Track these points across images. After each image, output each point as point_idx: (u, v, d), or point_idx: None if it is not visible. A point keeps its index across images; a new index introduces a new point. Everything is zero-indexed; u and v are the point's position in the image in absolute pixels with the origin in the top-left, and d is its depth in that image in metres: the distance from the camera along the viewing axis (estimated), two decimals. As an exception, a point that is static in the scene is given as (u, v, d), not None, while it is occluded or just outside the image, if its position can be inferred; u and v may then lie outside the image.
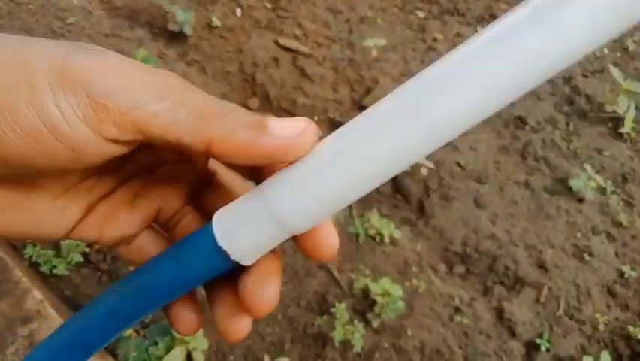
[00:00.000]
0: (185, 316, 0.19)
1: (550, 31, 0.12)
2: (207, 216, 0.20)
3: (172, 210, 0.20)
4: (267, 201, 0.15)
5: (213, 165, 0.20)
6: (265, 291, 0.17)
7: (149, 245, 0.20)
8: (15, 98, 0.13)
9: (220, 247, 0.16)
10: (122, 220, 0.19)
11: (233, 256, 0.16)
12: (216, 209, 0.18)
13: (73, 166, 0.15)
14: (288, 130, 0.15)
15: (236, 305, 0.18)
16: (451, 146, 1.02)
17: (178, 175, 0.20)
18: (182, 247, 0.17)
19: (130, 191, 0.19)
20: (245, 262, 0.16)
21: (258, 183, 0.18)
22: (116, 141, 0.15)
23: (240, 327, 0.18)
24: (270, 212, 0.15)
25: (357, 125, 0.15)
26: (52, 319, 0.70)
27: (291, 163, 0.16)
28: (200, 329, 0.76)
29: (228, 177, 0.20)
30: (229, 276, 0.18)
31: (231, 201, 0.17)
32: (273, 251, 0.17)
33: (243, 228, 0.16)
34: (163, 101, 0.15)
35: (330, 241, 0.17)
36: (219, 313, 0.18)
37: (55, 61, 0.14)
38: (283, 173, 0.16)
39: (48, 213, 0.17)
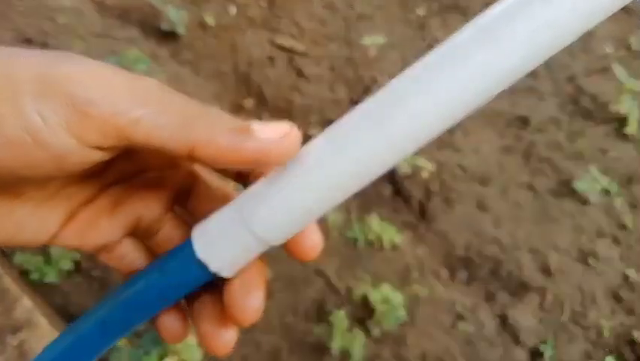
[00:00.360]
0: (170, 324, 0.19)
1: (497, 47, 0.14)
2: (189, 224, 0.20)
3: (152, 218, 0.20)
4: (242, 215, 0.16)
5: (197, 170, 0.20)
6: (249, 301, 0.17)
7: (130, 254, 0.20)
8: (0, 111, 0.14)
9: (200, 260, 0.17)
10: (103, 227, 0.19)
11: (213, 268, 0.17)
12: (198, 216, 0.19)
13: (56, 174, 0.16)
14: (271, 134, 0.15)
15: (220, 319, 0.18)
16: (453, 147, 1.01)
17: (159, 182, 0.20)
18: (165, 259, 0.18)
19: (111, 198, 0.19)
20: (225, 274, 0.17)
21: (245, 186, 0.19)
22: (99, 148, 0.15)
23: (225, 341, 0.18)
24: (245, 225, 0.16)
25: (324, 137, 0.16)
26: (42, 328, 0.68)
27: (276, 168, 0.16)
28: (194, 339, 0.74)
29: (211, 184, 0.21)
30: (209, 290, 0.18)
31: (213, 207, 0.18)
32: (258, 259, 0.18)
33: (221, 240, 0.16)
34: (145, 106, 0.15)
35: (312, 242, 0.17)
36: (203, 328, 0.18)
37: (38, 71, 0.14)
38: (258, 185, 0.16)
39: (30, 221, 0.18)
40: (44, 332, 0.68)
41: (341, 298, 0.81)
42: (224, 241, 0.16)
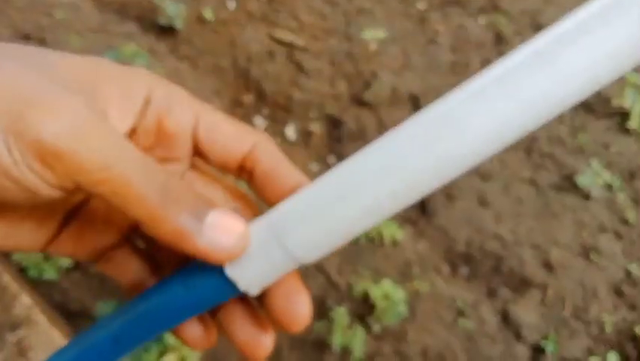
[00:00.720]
0: (196, 333, 0.19)
1: (551, 74, 0.13)
2: None
3: None
4: (276, 233, 0.16)
5: (197, 163, 0.20)
6: (299, 307, 0.17)
7: (130, 264, 0.20)
8: None
9: (228, 277, 0.16)
10: (99, 230, 0.19)
11: (242, 286, 0.16)
12: None
13: (28, 202, 0.15)
14: (222, 237, 0.15)
15: (257, 325, 0.18)
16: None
17: None
18: (189, 273, 0.17)
19: (102, 204, 0.19)
20: (252, 292, 0.17)
21: (248, 184, 0.19)
22: (63, 190, 0.15)
23: (267, 346, 0.18)
24: (280, 244, 0.16)
25: (370, 153, 0.15)
26: (41, 325, 0.68)
27: (312, 182, 0.16)
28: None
29: (215, 179, 0.20)
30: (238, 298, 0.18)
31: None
32: None
33: (251, 258, 0.16)
34: (107, 170, 0.15)
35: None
36: (242, 336, 0.18)
37: (14, 106, 0.14)
38: (293, 203, 0.16)
39: (22, 228, 0.17)
40: (43, 328, 0.68)
41: (341, 294, 0.81)
42: (255, 260, 0.16)
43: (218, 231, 0.15)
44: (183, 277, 0.17)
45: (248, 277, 0.16)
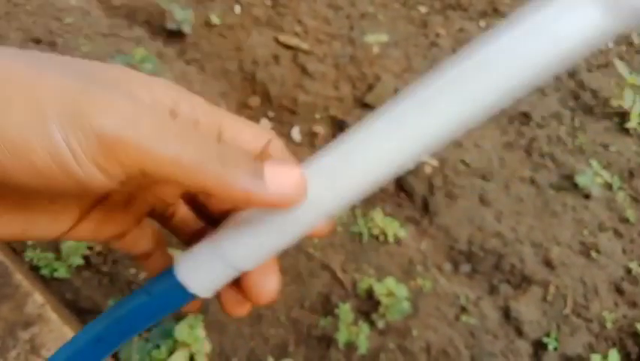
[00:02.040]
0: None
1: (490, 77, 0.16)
2: (200, 208, 0.23)
3: (166, 205, 0.22)
4: (220, 249, 0.19)
5: None
6: (267, 286, 0.20)
7: (142, 239, 0.22)
8: (26, 135, 0.14)
9: (181, 285, 0.20)
10: (117, 221, 0.20)
11: (192, 289, 0.20)
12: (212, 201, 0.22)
13: (76, 194, 0.16)
14: (283, 184, 0.16)
15: (239, 293, 0.21)
16: (455, 143, 1.01)
17: None
18: (153, 284, 0.21)
19: (124, 193, 0.20)
20: (204, 295, 0.20)
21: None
22: (121, 180, 0.16)
23: (243, 310, 0.21)
24: (223, 257, 0.19)
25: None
26: (53, 322, 0.69)
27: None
28: (203, 333, 0.74)
29: None
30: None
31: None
32: None
33: (201, 269, 0.20)
34: (168, 147, 0.15)
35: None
36: (225, 300, 0.21)
37: (67, 98, 0.14)
38: (233, 224, 0.19)
39: (43, 217, 0.18)
40: (55, 326, 0.69)
41: (346, 291, 0.81)
42: (203, 269, 0.19)
43: (278, 180, 0.16)
44: (148, 287, 0.21)
45: (199, 285, 0.20)
